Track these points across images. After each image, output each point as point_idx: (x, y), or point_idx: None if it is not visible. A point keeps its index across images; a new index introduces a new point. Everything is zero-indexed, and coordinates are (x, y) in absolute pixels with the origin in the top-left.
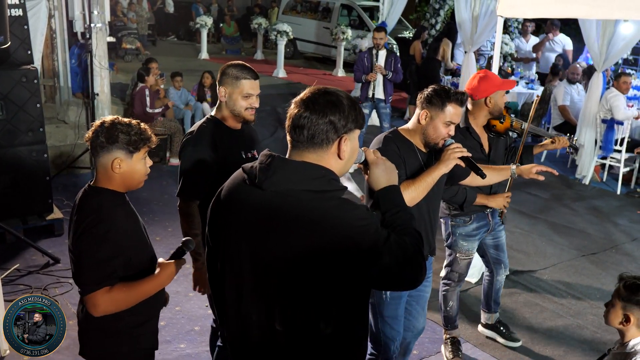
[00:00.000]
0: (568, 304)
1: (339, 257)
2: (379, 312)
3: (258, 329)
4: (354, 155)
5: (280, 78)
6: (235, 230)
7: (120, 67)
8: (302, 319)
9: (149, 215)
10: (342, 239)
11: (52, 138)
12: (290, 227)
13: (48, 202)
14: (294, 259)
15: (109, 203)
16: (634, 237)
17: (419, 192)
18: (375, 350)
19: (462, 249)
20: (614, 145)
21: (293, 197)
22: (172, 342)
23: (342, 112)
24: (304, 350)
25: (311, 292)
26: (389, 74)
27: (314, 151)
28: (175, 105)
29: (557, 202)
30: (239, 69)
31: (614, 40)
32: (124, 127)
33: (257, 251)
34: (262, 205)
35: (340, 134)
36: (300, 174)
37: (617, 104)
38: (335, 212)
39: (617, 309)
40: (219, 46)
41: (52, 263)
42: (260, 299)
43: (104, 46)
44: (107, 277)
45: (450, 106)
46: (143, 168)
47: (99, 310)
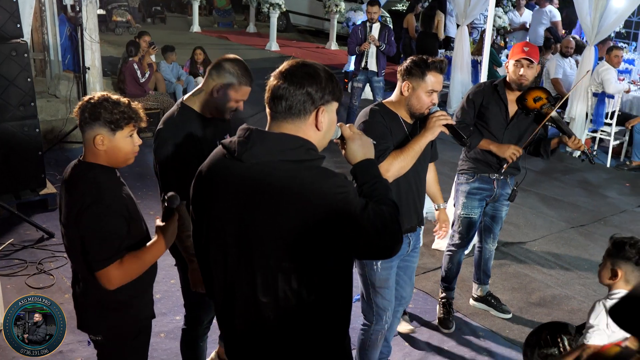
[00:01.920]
0: (557, 274)
1: (319, 225)
2: (371, 283)
3: (243, 300)
4: (332, 127)
5: (273, 51)
6: (218, 203)
7: (110, 40)
8: (285, 289)
9: (143, 190)
10: (321, 206)
11: (43, 112)
12: (271, 198)
13: (41, 176)
14: (275, 229)
15: (102, 177)
16: (622, 209)
17: (407, 161)
18: (367, 321)
19: (462, 206)
20: (604, 119)
21: (272, 167)
22: (167, 315)
23: (319, 83)
24: (287, 320)
25: (293, 260)
26: (383, 45)
27: (292, 122)
28: (167, 79)
29: (547, 175)
30: (243, 71)
31: (606, 13)
32: (110, 105)
33: (239, 223)
34: (242, 177)
35: (317, 105)
36: (278, 144)
37: (608, 78)
38: (314, 181)
39: (606, 265)
40: (211, 19)
41: (47, 237)
42: (244, 271)
43: (94, 19)
44: (117, 251)
45: (431, 75)
46: (128, 146)
47: (114, 283)
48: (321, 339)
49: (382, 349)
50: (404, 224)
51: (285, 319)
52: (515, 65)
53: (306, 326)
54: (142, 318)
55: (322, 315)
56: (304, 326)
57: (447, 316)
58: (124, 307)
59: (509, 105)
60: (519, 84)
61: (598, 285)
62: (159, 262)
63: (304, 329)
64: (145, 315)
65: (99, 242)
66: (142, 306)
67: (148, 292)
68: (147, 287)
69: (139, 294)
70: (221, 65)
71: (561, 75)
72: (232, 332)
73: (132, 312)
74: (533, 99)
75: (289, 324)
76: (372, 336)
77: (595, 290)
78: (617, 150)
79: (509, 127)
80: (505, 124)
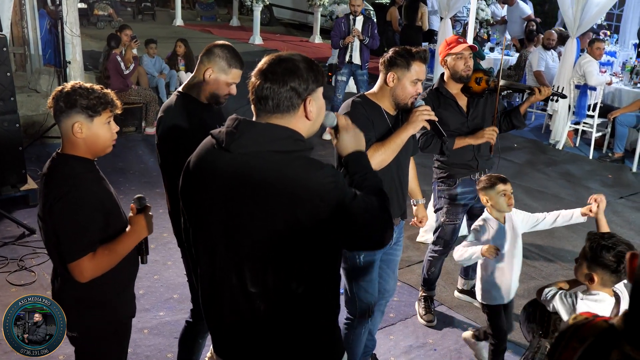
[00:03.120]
0: (540, 266)
1: (308, 215)
2: (353, 277)
3: (231, 291)
4: (321, 112)
5: (257, 45)
6: (207, 194)
7: (92, 35)
8: (274, 279)
9: (125, 185)
10: (311, 197)
11: (23, 107)
12: (259, 188)
13: (21, 172)
14: (264, 219)
15: (79, 169)
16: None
17: (388, 153)
18: (351, 315)
19: (446, 213)
20: (586, 111)
21: (260, 157)
22: (151, 310)
23: (300, 76)
24: (277, 311)
25: (281, 251)
26: (366, 39)
27: (281, 117)
28: (149, 73)
29: (531, 167)
30: (232, 54)
31: (588, 6)
32: (84, 92)
33: (227, 213)
34: (230, 168)
35: (304, 97)
36: (266, 135)
37: (590, 70)
38: (302, 171)
39: (582, 267)
40: (194, 13)
41: (28, 234)
42: (232, 262)
43: (75, 13)
44: (89, 244)
45: (415, 64)
46: (107, 133)
47: (85, 276)
48: (311, 329)
49: (366, 342)
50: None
51: (275, 309)
52: (457, 59)
53: (296, 316)
54: (121, 317)
55: (311, 305)
56: (294, 316)
57: (428, 311)
58: (102, 305)
59: (458, 100)
60: (465, 76)
61: None
62: None
63: (294, 320)
64: (125, 314)
65: (71, 234)
66: (120, 305)
67: (128, 290)
68: (127, 285)
69: (118, 292)
70: (211, 50)
71: (543, 67)
72: (220, 324)
73: (110, 311)
74: (476, 82)
75: (279, 315)
76: (356, 330)
77: None
78: (600, 142)
79: (470, 119)
80: (465, 118)
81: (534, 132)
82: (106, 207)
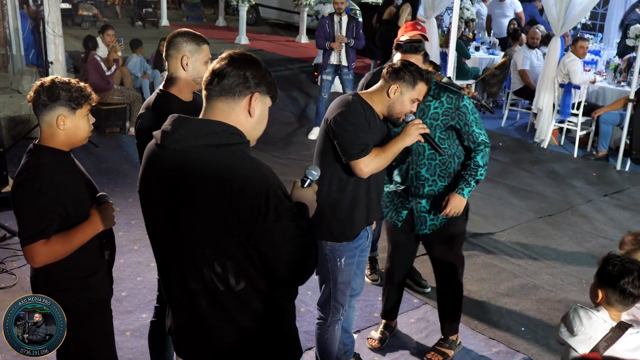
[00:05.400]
0: (525, 264)
1: (238, 209)
2: (333, 279)
3: (177, 288)
4: (263, 122)
5: (243, 45)
6: (151, 192)
7: (77, 35)
8: (211, 274)
9: (109, 186)
10: (241, 190)
11: (6, 109)
12: (192, 182)
13: (3, 174)
14: (198, 214)
15: (48, 159)
16: (589, 199)
17: (385, 161)
18: (323, 314)
19: None
20: (571, 109)
21: (194, 152)
22: (133, 312)
23: (257, 70)
24: (217, 310)
25: (215, 246)
26: (351, 41)
27: (224, 101)
28: (133, 74)
29: (516, 166)
30: (193, 35)
31: (572, 4)
32: (64, 85)
33: (170, 210)
34: (167, 165)
35: (253, 90)
36: (200, 129)
37: (575, 69)
38: (234, 164)
39: (594, 282)
40: (180, 13)
41: (9, 236)
42: (175, 258)
43: (57, 13)
44: (43, 230)
45: (421, 85)
46: (86, 125)
47: (37, 261)
48: (257, 329)
49: (345, 340)
50: (373, 216)
51: (216, 306)
52: None
53: (238, 315)
54: (94, 298)
55: (254, 304)
56: (236, 315)
57: (373, 271)
58: (68, 287)
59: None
60: None
61: (565, 274)
62: (124, 259)
63: (236, 318)
64: (97, 296)
65: (25, 220)
66: (89, 287)
67: (100, 273)
68: (98, 269)
69: (88, 275)
70: (173, 41)
71: (528, 66)
72: (174, 321)
73: (76, 292)
74: None
75: (220, 313)
76: (330, 328)
77: (563, 280)
78: (584, 141)
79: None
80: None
81: (519, 130)
82: (71, 197)
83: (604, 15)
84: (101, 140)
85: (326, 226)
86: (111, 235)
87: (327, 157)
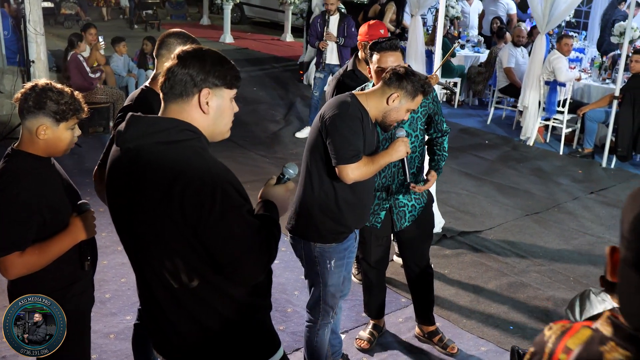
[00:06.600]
0: (512, 262)
1: (183, 205)
2: (323, 282)
3: (141, 284)
4: (224, 114)
5: (228, 44)
6: (112, 192)
7: (59, 34)
8: (165, 272)
9: (92, 187)
10: (187, 187)
11: None
12: (144, 180)
13: None
14: (150, 212)
15: (25, 166)
16: (575, 196)
17: (371, 171)
18: (313, 317)
19: None
20: (556, 107)
21: (145, 150)
22: (117, 315)
23: (202, 67)
24: (177, 305)
25: (166, 243)
26: (341, 40)
27: (175, 102)
28: (117, 73)
29: (502, 164)
30: (184, 36)
31: (557, 2)
32: (55, 95)
33: (128, 209)
34: (120, 163)
35: (200, 87)
36: (150, 127)
37: (560, 66)
38: (183, 160)
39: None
40: (164, 11)
41: None
42: (139, 257)
43: (38, 11)
44: (18, 241)
45: (420, 97)
46: (69, 137)
47: (10, 273)
48: (221, 326)
49: (332, 341)
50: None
51: (174, 302)
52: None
53: (201, 312)
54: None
55: (214, 299)
56: (199, 312)
57: (359, 271)
58: (52, 297)
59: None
60: None
61: (553, 272)
62: (108, 260)
63: (200, 315)
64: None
65: (0, 229)
66: (73, 299)
67: (80, 283)
68: (78, 279)
69: (67, 285)
70: (165, 41)
71: (513, 64)
72: (148, 319)
73: (60, 303)
74: None
75: (181, 308)
76: (320, 331)
77: (551, 277)
78: (570, 138)
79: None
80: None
81: (505, 128)
82: (49, 204)
83: (587, 13)
84: (84, 140)
85: (315, 227)
86: (92, 243)
87: (317, 155)
